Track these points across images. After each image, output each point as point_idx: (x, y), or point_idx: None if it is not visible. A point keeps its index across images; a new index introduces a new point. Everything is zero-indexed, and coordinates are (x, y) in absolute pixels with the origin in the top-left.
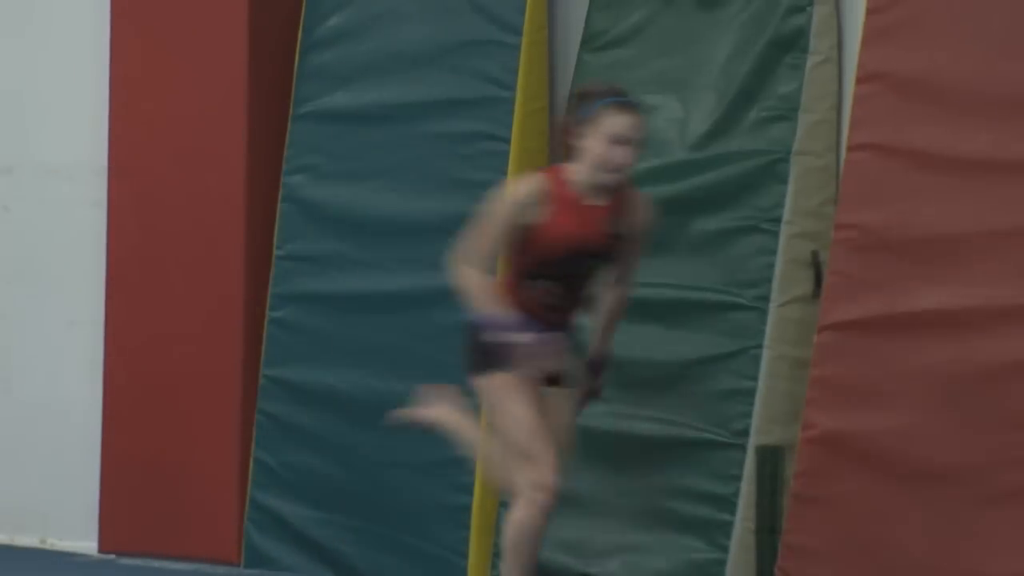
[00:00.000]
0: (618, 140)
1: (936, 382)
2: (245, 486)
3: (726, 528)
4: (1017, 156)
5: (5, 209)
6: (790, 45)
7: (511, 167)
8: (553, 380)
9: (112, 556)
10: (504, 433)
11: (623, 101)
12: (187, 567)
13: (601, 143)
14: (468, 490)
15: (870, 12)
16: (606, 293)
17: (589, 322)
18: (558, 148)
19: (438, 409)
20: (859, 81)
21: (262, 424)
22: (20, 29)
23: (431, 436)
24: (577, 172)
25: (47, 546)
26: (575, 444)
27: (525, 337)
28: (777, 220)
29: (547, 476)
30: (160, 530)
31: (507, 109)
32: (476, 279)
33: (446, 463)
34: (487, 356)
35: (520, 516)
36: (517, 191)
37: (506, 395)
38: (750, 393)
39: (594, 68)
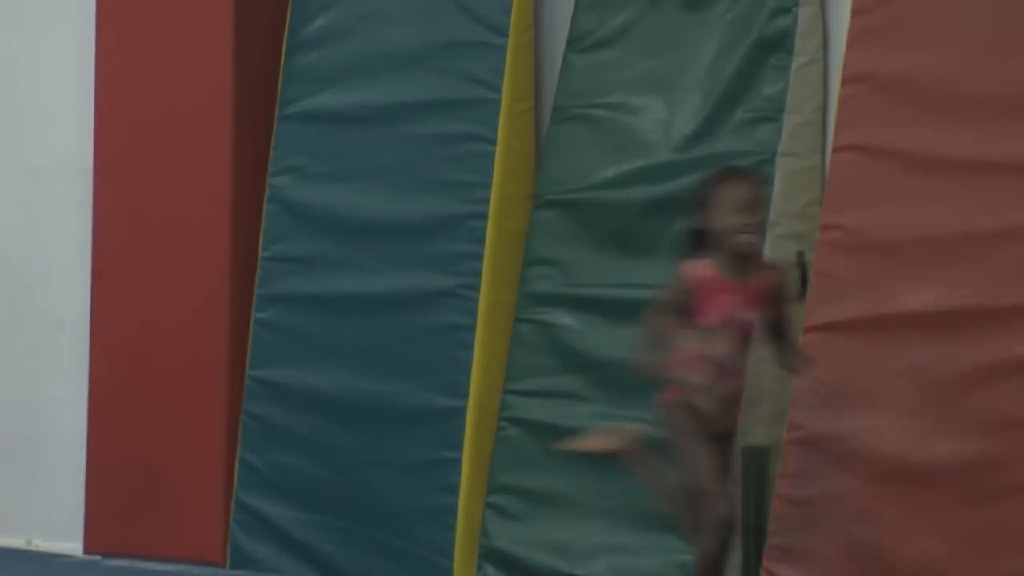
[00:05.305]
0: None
1: (921, 383)
2: (230, 487)
3: None
4: (1001, 157)
5: None
6: (775, 46)
7: (496, 168)
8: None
9: (97, 557)
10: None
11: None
12: (172, 568)
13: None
14: (453, 491)
15: (855, 13)
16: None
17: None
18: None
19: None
20: (844, 82)
21: (248, 425)
22: (5, 30)
23: (416, 436)
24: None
25: (32, 547)
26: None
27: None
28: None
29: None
30: (145, 531)
31: (493, 110)
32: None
33: (431, 464)
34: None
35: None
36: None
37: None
38: None
39: (580, 69)
